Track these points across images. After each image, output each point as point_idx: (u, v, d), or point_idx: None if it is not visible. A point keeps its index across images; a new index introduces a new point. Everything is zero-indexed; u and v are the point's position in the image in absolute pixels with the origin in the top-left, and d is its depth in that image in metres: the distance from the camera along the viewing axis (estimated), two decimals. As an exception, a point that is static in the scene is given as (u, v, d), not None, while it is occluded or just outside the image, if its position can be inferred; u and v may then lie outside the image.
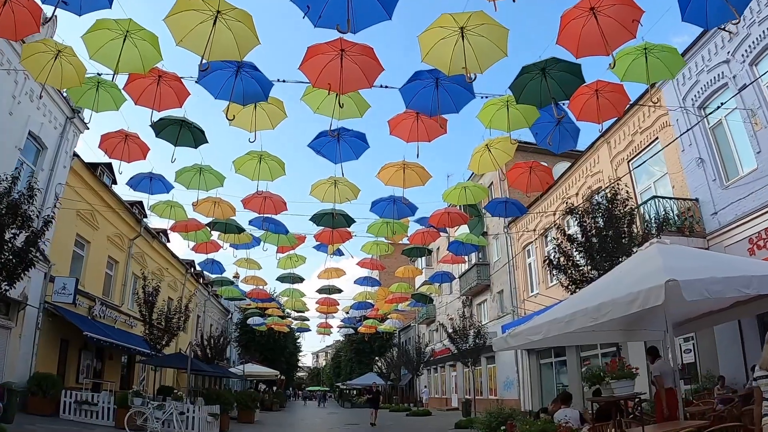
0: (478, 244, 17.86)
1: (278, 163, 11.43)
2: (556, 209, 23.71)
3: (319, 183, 12.27)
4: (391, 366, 48.24)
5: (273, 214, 13.28)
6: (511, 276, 28.67)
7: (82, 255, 22.17)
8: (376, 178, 11.85)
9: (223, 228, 15.31)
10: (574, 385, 21.45)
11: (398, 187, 12.07)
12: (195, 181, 12.23)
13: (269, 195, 12.78)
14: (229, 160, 12.13)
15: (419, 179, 12.00)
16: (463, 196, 13.06)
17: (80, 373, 21.18)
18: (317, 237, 15.66)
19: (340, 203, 12.64)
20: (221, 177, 12.32)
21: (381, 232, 15.17)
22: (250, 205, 13.03)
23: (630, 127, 19.09)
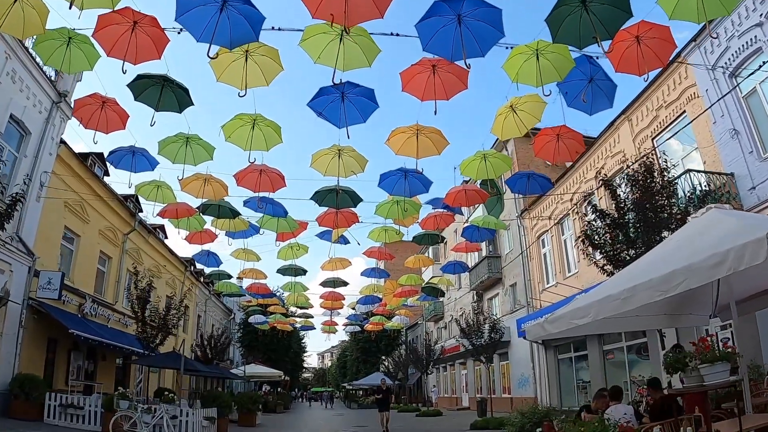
0: (495, 227, 16.43)
1: (274, 129, 10.05)
2: (573, 193, 22.34)
3: (321, 153, 10.87)
4: (398, 365, 46.80)
5: (270, 191, 11.88)
6: (524, 268, 27.26)
7: (72, 249, 20.86)
8: (386, 145, 10.47)
9: (216, 212, 13.88)
10: (597, 381, 20.07)
11: (411, 157, 10.69)
12: (181, 153, 10.87)
13: (265, 168, 11.37)
14: (218, 124, 10.80)
15: (434, 147, 10.61)
16: (483, 168, 11.65)
17: (70, 375, 19.83)
18: (320, 220, 14.22)
19: (345, 177, 11.23)
20: (210, 148, 10.94)
21: (391, 214, 13.71)
22: (245, 181, 11.62)
23: (653, 101, 17.80)
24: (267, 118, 9.76)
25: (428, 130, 10.27)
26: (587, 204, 13.94)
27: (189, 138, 10.70)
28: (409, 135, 10.35)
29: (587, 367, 21.58)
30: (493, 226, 16.19)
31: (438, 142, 10.51)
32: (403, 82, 9.07)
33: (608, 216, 12.48)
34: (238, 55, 8.48)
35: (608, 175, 20.05)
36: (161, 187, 12.92)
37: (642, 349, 18.40)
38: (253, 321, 32.96)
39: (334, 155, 10.83)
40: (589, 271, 20.98)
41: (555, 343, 23.65)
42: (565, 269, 23.35)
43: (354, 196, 12.74)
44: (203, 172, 12.06)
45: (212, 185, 12.23)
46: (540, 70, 8.99)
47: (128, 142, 11.76)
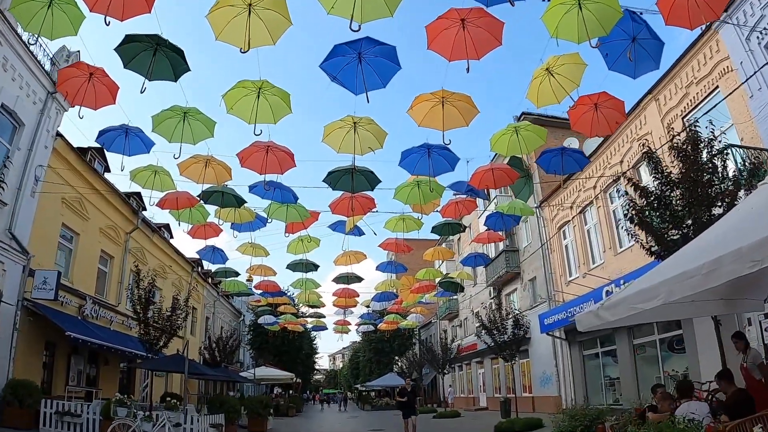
0: (522, 213, 15.21)
1: (281, 98, 8.90)
2: (598, 178, 21.14)
3: (334, 126, 9.68)
4: (413, 365, 45.57)
5: (278, 173, 10.71)
6: (545, 261, 26.03)
7: (70, 248, 19.83)
8: (408, 114, 9.31)
9: (220, 200, 12.70)
10: (627, 378, 18.92)
11: (436, 130, 9.52)
12: (178, 131, 9.74)
13: (272, 146, 10.20)
14: (218, 92, 9.67)
15: (462, 118, 9.44)
16: (515, 142, 10.47)
17: (69, 381, 18.79)
18: (333, 207, 13.03)
19: (362, 155, 10.05)
20: (211, 124, 9.79)
21: (412, 198, 12.48)
22: (249, 162, 10.45)
23: (682, 79, 16.60)
24: (273, 84, 8.61)
25: (455, 98, 9.09)
26: (627, 182, 12.67)
27: (187, 113, 9.58)
28: (433, 103, 9.18)
29: (615, 363, 20.36)
30: (519, 212, 14.95)
31: (466, 112, 9.33)
32: (429, 38, 7.93)
33: (651, 194, 11.25)
34: (240, 9, 7.38)
35: (634, 158, 19.02)
36: (159, 173, 11.81)
37: (675, 342, 17.18)
38: (263, 322, 31.87)
39: (349, 129, 9.66)
40: (615, 262, 19.81)
41: (580, 338, 22.42)
42: (589, 260, 22.12)
43: (371, 177, 11.51)
44: (203, 154, 10.92)
45: (214, 168, 11.08)
46: (583, 23, 7.87)
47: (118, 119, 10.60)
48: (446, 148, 10.51)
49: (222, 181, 11.45)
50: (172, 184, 12.13)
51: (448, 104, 9.19)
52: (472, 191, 13.07)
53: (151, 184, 11.93)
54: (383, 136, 9.91)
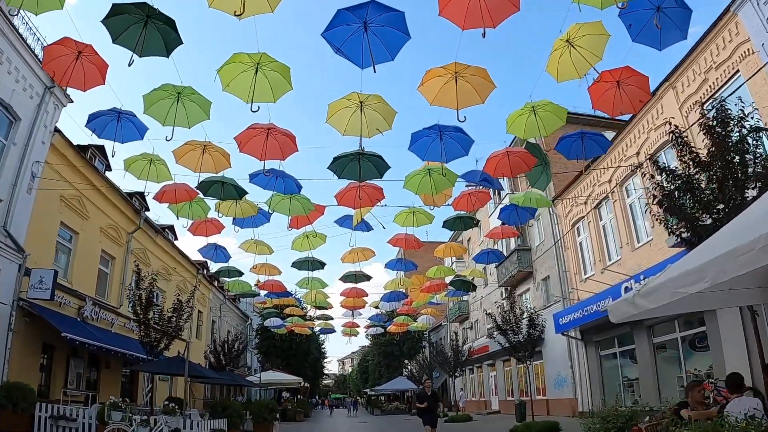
0: (537, 206, 14.46)
1: (281, 73, 8.24)
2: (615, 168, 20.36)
3: (339, 105, 8.98)
4: (423, 368, 44.75)
5: (279, 159, 10.03)
6: (559, 259, 25.25)
7: (69, 247, 19.24)
8: (419, 91, 8.63)
9: (219, 192, 12.03)
10: (647, 379, 18.14)
11: (449, 108, 8.82)
12: (172, 113, 9.10)
13: (273, 129, 9.52)
14: (212, 65, 9.03)
15: (477, 94, 8.74)
16: (533, 123, 9.75)
17: (68, 384, 18.17)
18: (339, 198, 12.33)
19: (369, 137, 9.36)
20: (206, 104, 9.14)
21: (423, 188, 11.72)
22: (249, 146, 9.77)
23: (701, 64, 15.89)
24: (272, 57, 7.94)
25: (470, 72, 8.39)
26: (653, 165, 11.90)
27: (181, 93, 8.93)
28: (446, 79, 8.49)
29: (634, 363, 19.54)
30: (535, 204, 14.20)
31: (482, 87, 8.64)
32: (441, 4, 7.27)
33: (680, 177, 10.49)
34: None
35: (652, 149, 18.27)
36: (154, 162, 11.16)
37: (697, 340, 16.39)
38: (269, 324, 31.23)
39: (355, 108, 8.97)
40: (633, 257, 19.06)
41: (596, 338, 21.63)
42: (605, 257, 21.34)
43: (379, 163, 10.78)
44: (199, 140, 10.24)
45: (212, 155, 10.41)
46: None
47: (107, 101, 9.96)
48: (459, 130, 9.79)
49: (220, 169, 10.78)
50: (169, 174, 11.50)
51: (462, 80, 8.51)
52: (487, 180, 12.34)
53: (146, 174, 11.29)
54: (392, 115, 9.21)
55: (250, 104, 8.20)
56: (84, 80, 8.74)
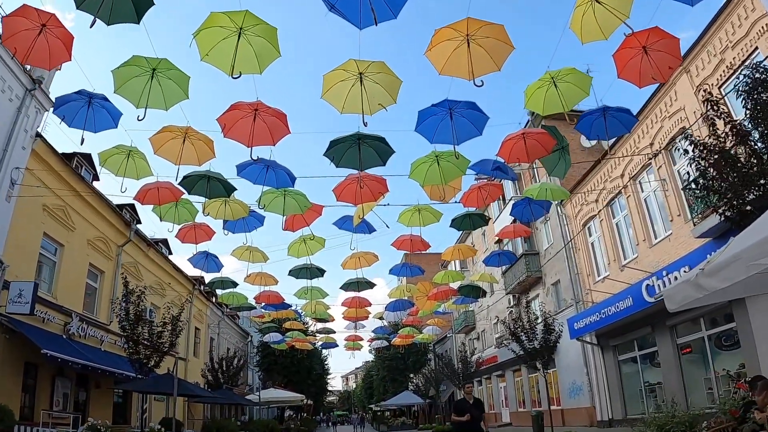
0: (553, 198, 13.33)
1: (267, 39, 7.19)
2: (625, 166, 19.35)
3: (336, 77, 7.88)
4: (429, 381, 43.38)
5: (269, 144, 8.95)
6: (570, 261, 24.12)
7: (54, 260, 18.15)
8: (426, 57, 7.58)
9: (204, 188, 10.93)
10: (671, 382, 16.94)
11: (461, 78, 7.78)
12: (147, 93, 8.05)
13: (260, 109, 8.44)
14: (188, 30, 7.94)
15: (492, 60, 7.68)
16: (554, 96, 8.68)
17: (54, 406, 16.99)
18: (338, 193, 11.22)
19: (371, 114, 8.29)
20: (184, 80, 8.07)
21: (431, 177, 10.61)
22: (234, 130, 8.64)
23: (716, 45, 14.93)
24: (257, 18, 6.89)
25: (484, 32, 7.32)
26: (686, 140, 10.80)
27: (155, 68, 7.89)
28: (457, 43, 7.45)
29: (656, 367, 18.36)
30: (550, 197, 13.05)
31: (498, 51, 7.57)
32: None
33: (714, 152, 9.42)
34: None
35: (666, 138, 17.26)
36: (133, 155, 10.10)
37: (723, 338, 15.26)
38: (269, 340, 30.01)
39: (354, 81, 7.91)
40: (651, 254, 17.99)
41: (613, 342, 20.46)
42: (620, 256, 20.23)
43: (382, 148, 9.66)
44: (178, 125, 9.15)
45: (194, 143, 9.33)
46: None
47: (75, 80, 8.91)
48: (472, 106, 8.70)
49: (204, 159, 9.68)
50: (149, 169, 10.43)
51: (475, 43, 7.47)
52: (500, 169, 11.25)
53: (124, 170, 10.22)
54: (397, 86, 8.11)
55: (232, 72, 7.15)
56: (49, 57, 7.74)
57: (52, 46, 7.66)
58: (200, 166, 9.75)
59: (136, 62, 7.74)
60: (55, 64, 7.96)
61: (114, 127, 9.22)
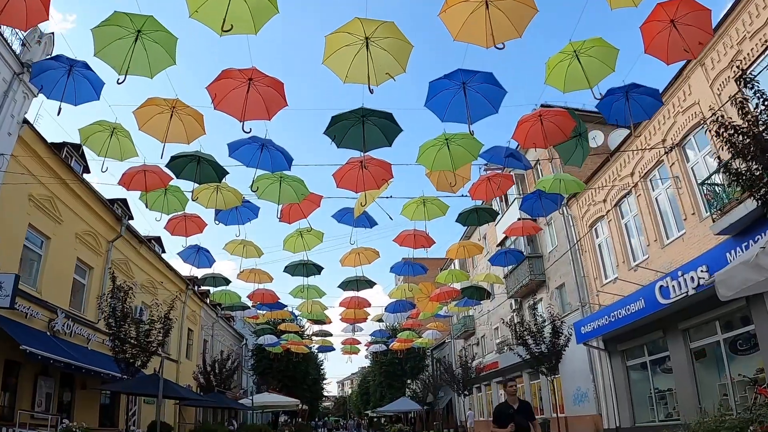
0: (567, 191, 12.54)
1: (263, -10, 6.45)
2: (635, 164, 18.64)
3: (339, 41, 7.03)
4: (428, 387, 42.47)
5: (264, 118, 8.18)
6: (575, 264, 23.35)
7: (39, 254, 17.37)
8: (439, 18, 6.83)
9: (194, 172, 10.12)
10: (684, 388, 16.13)
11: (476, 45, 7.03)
12: (131, 56, 7.29)
13: (256, 78, 7.66)
14: None
15: (512, 26, 6.90)
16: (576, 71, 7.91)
17: (36, 406, 16.16)
18: (339, 179, 10.41)
19: (377, 85, 7.51)
20: (171, 42, 7.26)
21: (440, 162, 9.73)
22: (226, 102, 7.82)
23: (732, 36, 14.25)
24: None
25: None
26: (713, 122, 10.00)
27: (140, 30, 7.13)
28: (474, 6, 6.70)
29: (666, 373, 17.57)
30: (564, 190, 12.24)
31: (519, 15, 6.78)
32: None
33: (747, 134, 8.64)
34: None
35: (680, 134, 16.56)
36: (117, 133, 9.32)
37: (739, 342, 14.50)
38: (263, 342, 29.11)
39: (360, 46, 7.13)
40: (663, 255, 17.25)
41: (621, 347, 19.67)
42: (629, 258, 19.47)
43: (389, 127, 8.80)
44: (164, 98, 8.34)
45: (182, 118, 8.55)
46: None
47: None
48: (488, 79, 7.86)
49: (193, 137, 8.86)
50: (135, 149, 9.64)
51: (494, 6, 6.72)
52: (513, 156, 10.48)
53: (107, 150, 9.44)
54: (406, 52, 7.27)
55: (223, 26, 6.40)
56: (26, 16, 6.99)
57: (29, 3, 6.93)
58: (189, 145, 8.96)
59: (118, 21, 6.97)
60: (32, 24, 7.23)
61: (96, 99, 8.45)
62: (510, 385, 8.27)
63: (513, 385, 8.18)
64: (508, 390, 8.22)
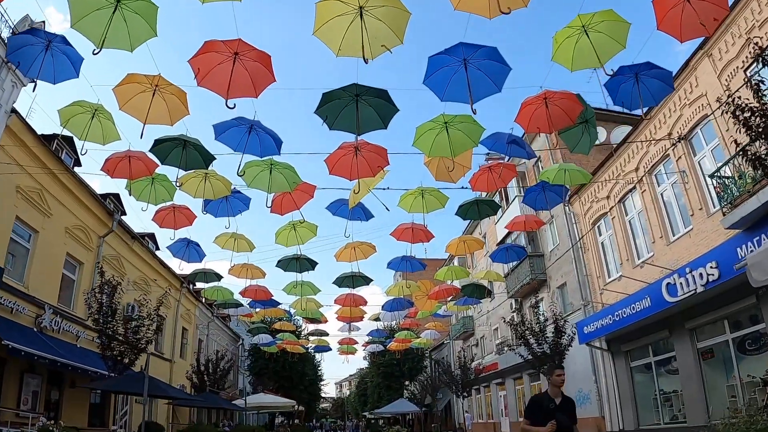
0: (572, 183, 11.99)
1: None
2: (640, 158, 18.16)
3: (331, 8, 6.49)
4: (426, 388, 41.89)
5: (251, 95, 7.67)
6: (578, 263, 22.84)
7: (27, 247, 16.87)
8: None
9: (179, 158, 9.59)
10: (691, 390, 15.62)
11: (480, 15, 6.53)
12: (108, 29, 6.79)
13: (241, 48, 7.10)
14: None
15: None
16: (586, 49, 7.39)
17: (22, 404, 15.63)
18: (331, 165, 9.89)
19: (372, 58, 7.01)
20: (151, 12, 6.69)
21: (438, 147, 9.13)
22: (210, 77, 7.25)
23: (740, 25, 13.81)
24: None
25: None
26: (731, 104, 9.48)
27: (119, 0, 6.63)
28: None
29: (671, 373, 17.06)
30: (568, 181, 11.72)
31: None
32: None
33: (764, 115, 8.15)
34: None
35: (687, 127, 16.09)
36: (98, 115, 8.81)
37: (747, 342, 14.00)
38: (258, 342, 28.55)
39: (353, 16, 6.59)
40: (669, 252, 16.80)
41: (625, 347, 19.15)
42: (633, 255, 18.98)
43: (383, 106, 8.25)
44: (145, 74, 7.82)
45: (165, 97, 8.04)
46: None
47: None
48: (491, 55, 7.31)
49: (177, 117, 8.34)
50: (116, 132, 9.13)
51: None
52: (516, 143, 9.97)
53: (87, 132, 8.92)
54: (403, 22, 6.74)
55: None
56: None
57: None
58: (172, 126, 8.43)
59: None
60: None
61: (75, 77, 7.95)
62: (558, 373, 6.09)
63: (561, 374, 6.11)
64: (555, 379, 6.05)
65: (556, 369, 6.11)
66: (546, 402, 5.92)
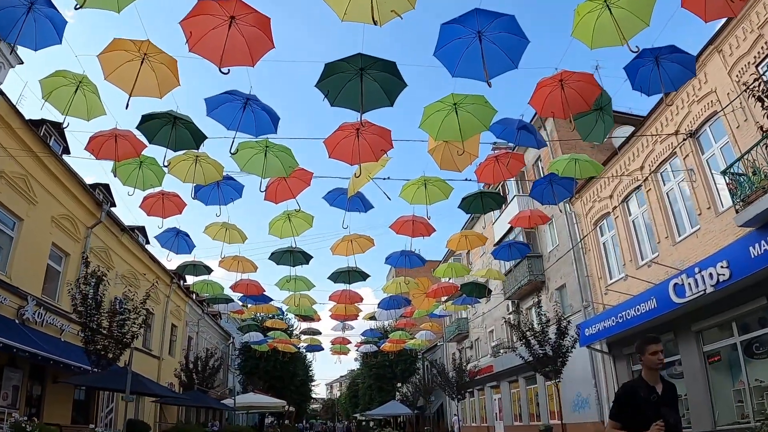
0: (582, 176, 11.45)
1: None
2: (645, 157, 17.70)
3: None
4: (419, 391, 41.27)
5: (247, 64, 7.09)
6: (578, 263, 22.33)
7: (10, 236, 16.18)
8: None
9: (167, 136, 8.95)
10: (697, 394, 15.14)
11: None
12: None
13: (238, 10, 6.42)
14: None
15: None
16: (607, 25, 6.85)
17: (1, 399, 14.94)
18: (331, 148, 9.28)
19: (380, 25, 6.41)
20: None
21: (446, 131, 8.53)
22: (203, 44, 6.69)
23: (752, 20, 13.39)
24: None
25: None
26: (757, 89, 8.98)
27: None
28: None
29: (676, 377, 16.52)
30: (579, 173, 11.17)
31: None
32: None
33: None
34: None
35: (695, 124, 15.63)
36: (83, 87, 8.21)
37: (755, 345, 13.52)
38: (249, 340, 27.90)
39: (361, -25, 6.06)
40: (675, 252, 16.32)
41: (627, 350, 18.63)
42: (637, 256, 18.48)
43: (390, 81, 7.59)
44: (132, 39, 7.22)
45: (154, 67, 7.44)
46: None
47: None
48: (509, 27, 6.69)
49: (166, 89, 7.74)
50: (102, 106, 8.52)
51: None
52: (526, 129, 9.42)
53: (69, 106, 8.30)
54: None
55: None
56: None
57: None
58: (161, 99, 7.84)
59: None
60: None
61: (58, 43, 7.37)
62: (652, 350, 4.14)
63: (657, 350, 4.15)
64: (650, 359, 4.17)
65: (650, 344, 4.17)
66: (647, 392, 4.07)
